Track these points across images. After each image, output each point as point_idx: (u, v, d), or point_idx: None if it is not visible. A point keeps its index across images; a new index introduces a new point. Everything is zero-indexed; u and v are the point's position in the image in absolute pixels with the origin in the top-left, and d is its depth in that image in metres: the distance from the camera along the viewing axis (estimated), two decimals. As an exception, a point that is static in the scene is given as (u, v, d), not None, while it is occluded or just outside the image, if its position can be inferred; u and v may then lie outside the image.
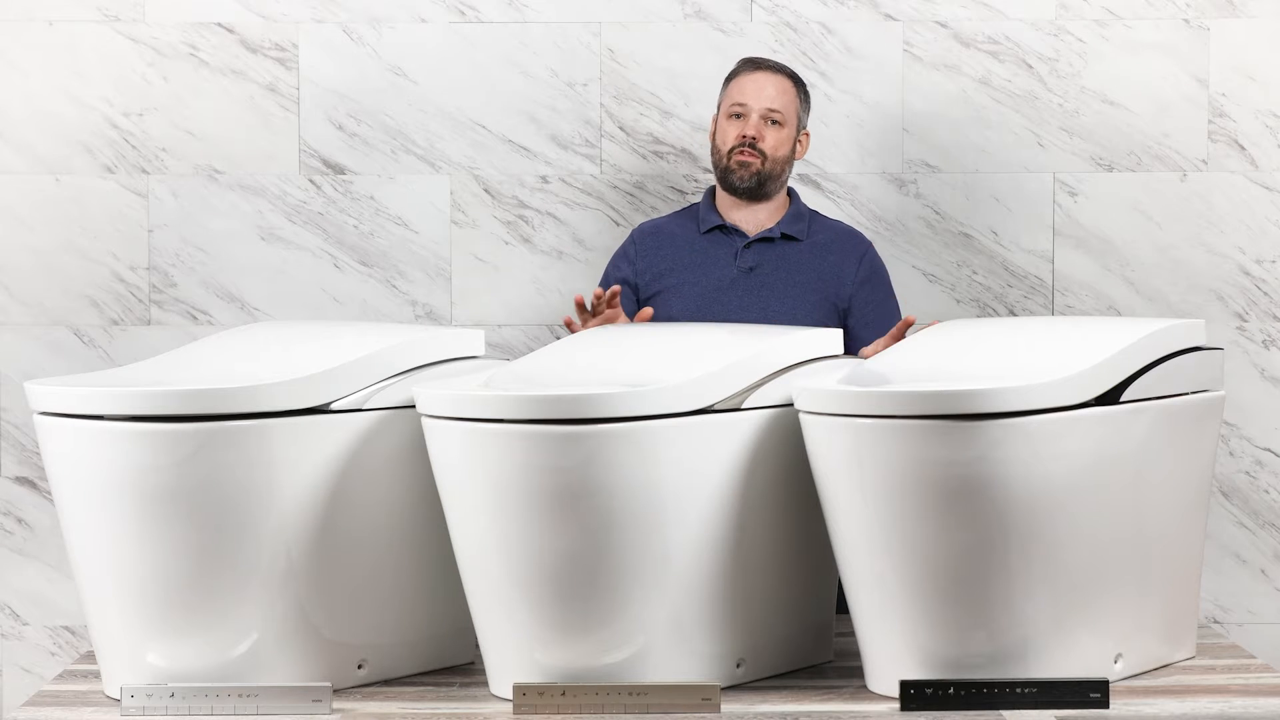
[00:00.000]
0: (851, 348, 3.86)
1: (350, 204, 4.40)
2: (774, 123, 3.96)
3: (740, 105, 3.97)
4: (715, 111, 4.07)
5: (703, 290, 3.94)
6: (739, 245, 3.97)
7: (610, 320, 3.69)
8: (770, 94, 3.97)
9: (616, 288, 3.69)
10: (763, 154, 3.95)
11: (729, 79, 4.04)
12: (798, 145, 4.01)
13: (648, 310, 3.74)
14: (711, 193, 4.07)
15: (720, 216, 4.00)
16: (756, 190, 3.97)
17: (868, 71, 4.41)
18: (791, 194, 4.06)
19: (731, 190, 3.98)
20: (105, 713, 2.86)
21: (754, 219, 4.00)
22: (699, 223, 4.02)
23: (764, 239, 3.97)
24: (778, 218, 4.00)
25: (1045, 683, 2.82)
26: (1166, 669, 3.09)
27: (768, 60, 4.06)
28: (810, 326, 3.83)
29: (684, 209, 4.11)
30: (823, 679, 3.06)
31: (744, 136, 3.95)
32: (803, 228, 3.99)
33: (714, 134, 4.02)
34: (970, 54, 4.41)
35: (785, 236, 3.98)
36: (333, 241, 4.40)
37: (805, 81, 4.10)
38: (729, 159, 3.96)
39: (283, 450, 2.87)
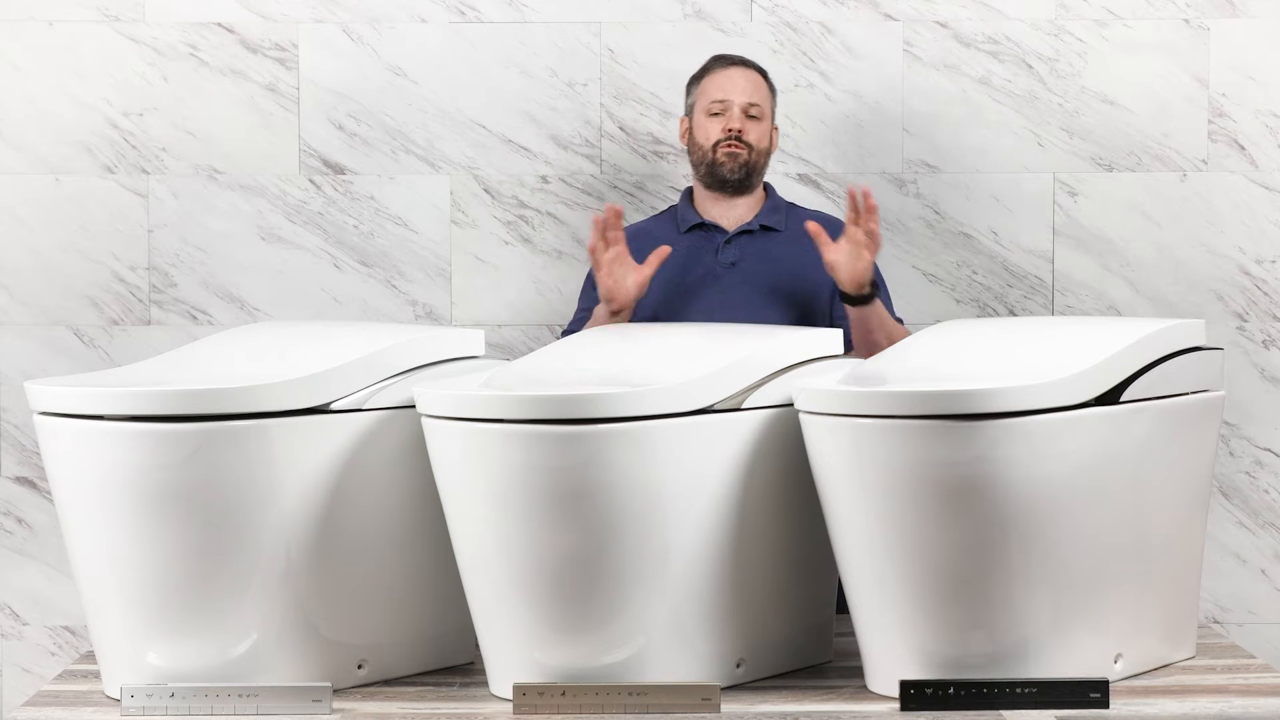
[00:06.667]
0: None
1: (350, 204, 4.40)
2: (753, 117, 3.98)
3: (720, 102, 3.98)
4: (685, 113, 4.04)
5: (687, 288, 3.94)
6: (720, 241, 3.98)
7: (619, 257, 3.75)
8: (748, 89, 3.99)
9: (619, 207, 3.76)
10: (749, 146, 3.96)
11: (700, 77, 4.04)
12: (772, 139, 4.03)
13: (664, 249, 3.77)
14: (689, 193, 4.07)
15: (699, 214, 4.02)
16: (744, 181, 3.98)
17: (868, 71, 4.41)
18: (768, 188, 4.07)
19: (719, 184, 3.98)
20: (105, 713, 2.86)
21: (733, 214, 4.01)
22: (678, 222, 4.03)
23: (744, 232, 3.98)
24: (755, 211, 4.02)
25: (1045, 683, 2.82)
26: (1166, 669, 3.09)
27: (738, 56, 4.07)
28: (795, 317, 3.86)
29: (662, 212, 4.12)
30: (823, 679, 3.06)
31: (729, 130, 3.96)
32: (781, 219, 4.01)
33: (689, 132, 4.02)
34: (970, 54, 4.41)
35: (764, 228, 3.99)
36: (333, 241, 4.40)
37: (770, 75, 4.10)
38: (714, 153, 3.97)
39: (283, 450, 2.87)
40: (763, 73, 4.04)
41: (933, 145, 4.42)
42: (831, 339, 3.12)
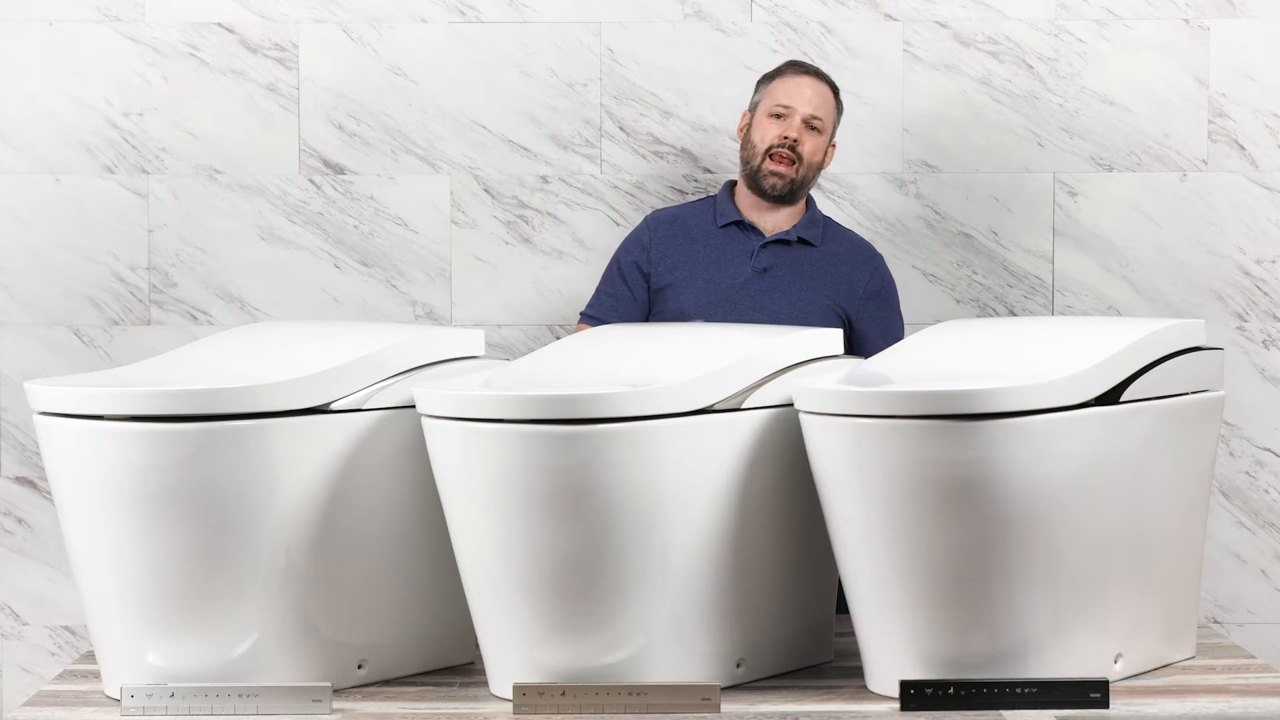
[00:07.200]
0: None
1: (350, 204, 4.40)
2: (813, 129, 3.98)
3: (785, 107, 3.97)
4: (750, 109, 4.05)
5: (715, 287, 3.94)
6: (755, 245, 3.98)
7: None
8: (814, 100, 3.99)
9: None
10: (800, 158, 3.96)
11: (771, 78, 4.04)
12: (827, 154, 4.03)
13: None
14: (730, 186, 4.07)
15: (738, 212, 4.02)
16: (787, 197, 3.98)
17: (868, 71, 4.41)
18: (808, 199, 4.07)
19: (761, 193, 3.98)
20: (105, 713, 2.86)
21: (772, 219, 4.02)
22: (716, 216, 4.03)
23: (780, 241, 3.98)
24: (795, 220, 4.02)
25: (1045, 683, 2.82)
26: (1166, 669, 3.09)
27: (812, 66, 4.07)
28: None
29: (700, 199, 4.12)
30: (823, 679, 3.06)
31: (785, 138, 3.95)
32: (818, 233, 4.01)
33: (747, 129, 4.02)
34: (970, 54, 4.41)
35: (801, 240, 3.99)
36: (333, 241, 4.40)
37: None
38: (764, 160, 3.96)
39: (283, 450, 2.87)
40: (834, 89, 4.04)
41: (933, 145, 4.42)
42: (831, 339, 3.11)
